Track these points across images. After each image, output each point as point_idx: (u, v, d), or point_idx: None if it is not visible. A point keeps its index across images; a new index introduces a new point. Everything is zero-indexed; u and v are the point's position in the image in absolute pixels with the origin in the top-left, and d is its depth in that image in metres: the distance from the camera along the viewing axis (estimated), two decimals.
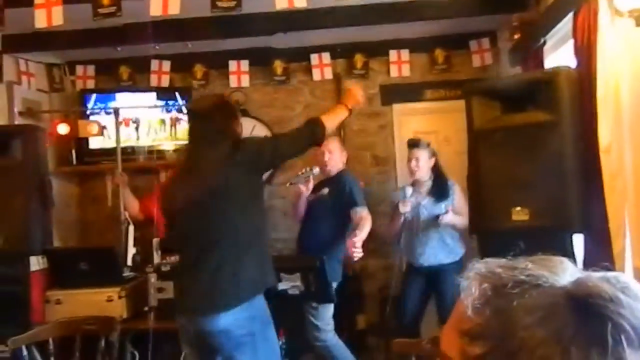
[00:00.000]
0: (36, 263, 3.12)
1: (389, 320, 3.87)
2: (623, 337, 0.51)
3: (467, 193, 2.59)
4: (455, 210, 3.31)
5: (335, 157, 3.35)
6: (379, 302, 4.10)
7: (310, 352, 3.82)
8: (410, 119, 4.31)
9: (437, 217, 3.28)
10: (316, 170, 3.36)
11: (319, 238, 3.25)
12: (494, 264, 0.61)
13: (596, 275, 0.56)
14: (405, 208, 3.27)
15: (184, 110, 4.14)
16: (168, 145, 4.15)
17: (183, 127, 4.13)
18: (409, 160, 3.42)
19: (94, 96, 4.11)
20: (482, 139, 2.38)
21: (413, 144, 3.44)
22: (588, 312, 0.52)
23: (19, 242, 2.81)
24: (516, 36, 3.12)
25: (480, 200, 2.41)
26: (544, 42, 2.77)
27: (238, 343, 2.01)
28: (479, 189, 2.40)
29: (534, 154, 2.16)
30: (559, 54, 2.85)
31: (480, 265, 0.61)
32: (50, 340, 2.63)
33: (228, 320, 1.99)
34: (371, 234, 3.75)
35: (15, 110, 3.62)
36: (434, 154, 3.43)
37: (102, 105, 4.06)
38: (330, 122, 2.22)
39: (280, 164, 3.00)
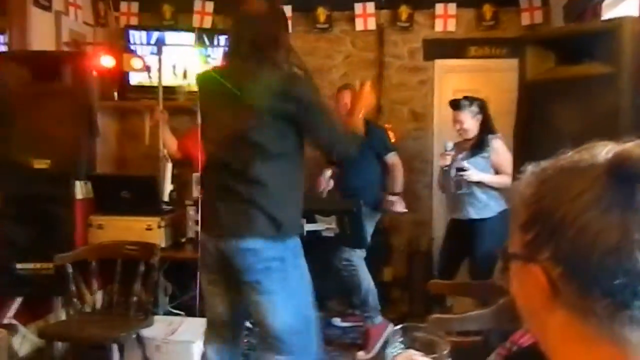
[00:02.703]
0: (79, 191, 3.22)
1: (416, 274, 3.95)
2: None
3: (512, 147, 2.55)
4: (494, 167, 3.21)
5: None
6: (406, 256, 4.15)
7: (337, 297, 3.93)
8: (451, 76, 4.24)
9: (458, 171, 3.17)
10: None
11: (358, 184, 3.37)
12: (542, 163, 0.65)
13: (630, 142, 0.59)
14: (444, 161, 3.24)
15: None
16: None
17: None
18: (454, 122, 3.33)
19: (138, 33, 4.13)
20: (533, 91, 2.32)
21: (453, 105, 3.33)
22: (621, 177, 0.56)
23: (66, 166, 2.91)
24: None
25: (525, 154, 2.38)
26: None
27: (267, 267, 1.86)
28: (526, 143, 2.37)
29: (588, 108, 2.11)
30: (618, 11, 2.74)
31: (530, 167, 0.66)
32: (93, 262, 2.76)
33: (258, 243, 1.86)
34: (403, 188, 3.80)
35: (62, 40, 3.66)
36: (480, 110, 3.29)
37: (145, 42, 4.09)
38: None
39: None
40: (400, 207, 3.45)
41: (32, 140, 2.85)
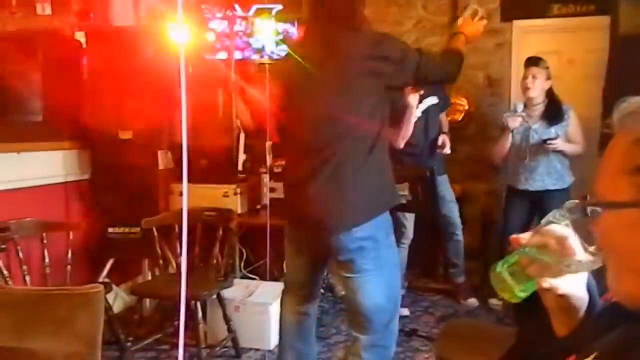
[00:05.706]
0: (161, 161, 3.37)
1: (489, 244, 3.84)
2: None
3: (602, 104, 2.40)
4: (568, 137, 3.21)
5: None
6: (479, 227, 4.04)
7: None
8: (531, 38, 4.00)
9: (545, 141, 3.17)
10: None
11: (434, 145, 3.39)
12: None
13: None
14: (514, 123, 3.21)
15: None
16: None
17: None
18: (525, 77, 3.30)
19: (212, 7, 4.21)
20: (627, 46, 2.16)
21: (533, 61, 3.30)
22: None
23: (149, 136, 3.06)
24: None
25: None
26: None
27: (360, 247, 1.83)
28: (616, 100, 2.21)
29: None
30: None
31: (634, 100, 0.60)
32: (176, 226, 2.91)
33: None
34: (477, 157, 3.70)
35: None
36: (550, 77, 3.28)
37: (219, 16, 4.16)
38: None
39: (418, 85, 2.59)
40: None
41: (117, 112, 3.02)
